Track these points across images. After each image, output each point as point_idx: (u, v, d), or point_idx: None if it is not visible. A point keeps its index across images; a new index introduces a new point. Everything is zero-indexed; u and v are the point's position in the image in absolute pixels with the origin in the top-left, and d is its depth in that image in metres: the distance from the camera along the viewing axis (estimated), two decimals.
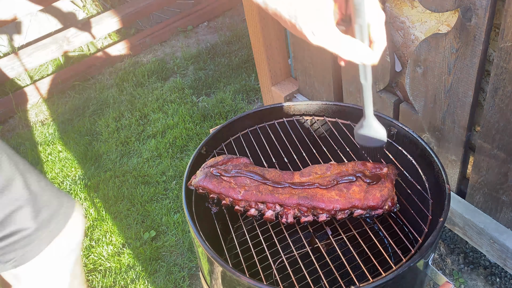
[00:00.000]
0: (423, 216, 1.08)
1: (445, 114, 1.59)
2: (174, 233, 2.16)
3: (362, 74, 0.86)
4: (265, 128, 1.35)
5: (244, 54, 3.24)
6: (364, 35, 0.77)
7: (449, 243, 1.94)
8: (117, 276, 2.04)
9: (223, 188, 1.10)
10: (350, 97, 2.01)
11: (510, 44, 1.25)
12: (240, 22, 3.59)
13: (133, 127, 2.80)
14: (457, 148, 1.64)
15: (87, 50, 3.49)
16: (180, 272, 2.01)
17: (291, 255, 1.11)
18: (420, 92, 1.63)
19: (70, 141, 2.78)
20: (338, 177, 1.11)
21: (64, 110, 3.05)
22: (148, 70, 3.22)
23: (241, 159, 1.19)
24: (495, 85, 1.36)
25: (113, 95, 3.08)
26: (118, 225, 2.24)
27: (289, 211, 1.07)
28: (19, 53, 3.05)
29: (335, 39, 0.75)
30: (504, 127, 1.41)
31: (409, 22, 1.58)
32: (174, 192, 2.36)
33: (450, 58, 1.44)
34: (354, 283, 0.95)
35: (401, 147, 1.24)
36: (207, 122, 2.73)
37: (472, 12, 1.29)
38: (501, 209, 1.62)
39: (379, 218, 1.16)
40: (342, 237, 1.10)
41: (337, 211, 1.06)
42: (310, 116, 1.38)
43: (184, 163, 2.50)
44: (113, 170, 2.53)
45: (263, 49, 2.24)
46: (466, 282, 1.83)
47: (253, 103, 2.86)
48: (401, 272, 0.94)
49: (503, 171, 1.51)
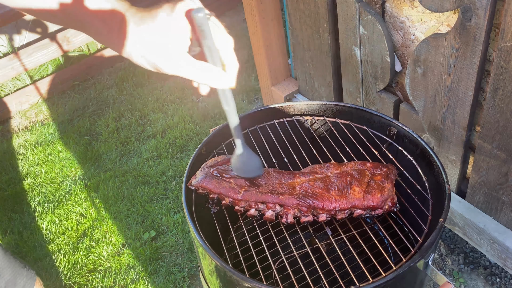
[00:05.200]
0: (423, 216, 1.08)
1: (445, 114, 1.59)
2: (174, 233, 2.16)
3: (222, 99, 0.83)
4: (265, 128, 1.35)
5: (244, 54, 3.24)
6: (215, 58, 0.76)
7: (449, 243, 1.94)
8: (117, 276, 2.04)
9: (223, 188, 1.10)
10: (350, 97, 2.01)
11: (510, 44, 1.25)
12: (240, 22, 3.59)
13: (133, 127, 2.80)
14: (457, 148, 1.64)
15: (87, 50, 3.49)
16: (180, 272, 2.01)
17: (291, 255, 1.10)
18: (420, 92, 1.63)
19: (70, 141, 2.78)
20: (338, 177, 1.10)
21: (64, 110, 3.04)
22: (148, 70, 3.22)
23: None
24: (495, 85, 1.36)
25: (113, 95, 3.08)
26: (118, 225, 2.24)
27: (289, 211, 1.07)
28: (19, 53, 3.05)
29: (188, 67, 0.74)
30: (504, 127, 1.41)
31: (409, 22, 1.58)
32: (174, 192, 2.36)
33: (450, 58, 1.44)
34: (354, 283, 0.94)
35: (401, 147, 1.24)
36: (207, 122, 2.73)
37: (472, 12, 1.29)
38: (501, 209, 1.62)
39: (379, 218, 1.16)
40: (342, 237, 1.10)
41: (337, 211, 1.06)
42: (310, 116, 1.37)
43: (184, 163, 2.50)
44: (113, 170, 2.53)
45: (263, 49, 2.24)
46: (466, 282, 1.83)
47: (253, 103, 2.86)
48: (401, 272, 0.94)
49: (503, 171, 1.51)
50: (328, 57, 1.98)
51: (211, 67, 0.76)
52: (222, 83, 0.78)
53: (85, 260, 2.11)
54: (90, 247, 2.17)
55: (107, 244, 2.16)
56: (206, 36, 0.72)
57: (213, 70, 0.76)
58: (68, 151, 2.73)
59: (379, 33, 1.64)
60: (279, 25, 2.22)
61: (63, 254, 2.15)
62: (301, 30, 2.05)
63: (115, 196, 2.37)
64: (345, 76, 1.96)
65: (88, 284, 2.03)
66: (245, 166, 1.02)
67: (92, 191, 2.44)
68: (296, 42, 2.13)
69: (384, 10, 1.64)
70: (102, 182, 2.46)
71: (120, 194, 2.38)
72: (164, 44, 0.73)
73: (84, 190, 2.45)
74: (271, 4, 2.13)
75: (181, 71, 0.75)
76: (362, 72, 1.85)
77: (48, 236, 2.25)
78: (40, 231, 2.28)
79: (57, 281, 2.04)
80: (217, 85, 0.78)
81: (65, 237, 2.23)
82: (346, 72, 1.93)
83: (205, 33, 0.72)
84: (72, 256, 2.14)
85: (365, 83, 1.87)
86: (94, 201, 2.39)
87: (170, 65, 0.74)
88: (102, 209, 2.33)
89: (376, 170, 1.12)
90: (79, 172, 2.58)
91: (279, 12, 2.20)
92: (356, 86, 1.92)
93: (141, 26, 0.73)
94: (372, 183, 1.09)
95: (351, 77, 1.92)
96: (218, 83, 0.78)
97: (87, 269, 2.09)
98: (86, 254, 2.14)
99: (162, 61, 0.74)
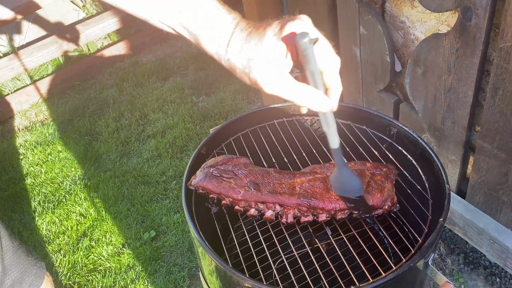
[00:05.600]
0: (423, 216, 1.08)
1: (445, 114, 1.59)
2: (174, 233, 2.16)
3: (323, 121, 0.83)
4: (265, 128, 1.35)
5: None
6: (318, 81, 0.75)
7: (449, 243, 1.94)
8: (117, 276, 2.04)
9: (223, 188, 1.10)
10: (350, 97, 2.01)
11: (510, 44, 1.25)
12: None
13: (133, 127, 2.80)
14: (457, 148, 1.64)
15: (87, 50, 3.49)
16: (180, 272, 2.01)
17: (291, 255, 1.10)
18: (420, 92, 1.63)
19: (70, 141, 2.78)
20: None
21: (64, 110, 3.04)
22: (148, 70, 3.22)
23: (241, 159, 1.19)
24: (495, 85, 1.36)
25: (113, 95, 3.08)
26: (118, 225, 2.24)
27: (289, 211, 1.07)
28: (19, 53, 3.05)
29: (288, 88, 0.75)
30: (504, 127, 1.41)
31: (409, 22, 1.58)
32: (174, 192, 2.36)
33: (450, 58, 1.44)
34: (354, 283, 0.94)
35: (401, 147, 1.24)
36: (207, 122, 2.73)
37: (472, 12, 1.29)
38: (501, 209, 1.62)
39: (379, 218, 1.16)
40: (342, 237, 1.10)
41: (337, 211, 1.06)
42: (310, 116, 1.37)
43: (184, 163, 2.50)
44: (113, 170, 2.53)
45: None
46: (466, 282, 1.83)
47: (253, 103, 2.86)
48: (401, 272, 0.94)
49: (503, 171, 1.51)
50: None
51: (311, 91, 0.76)
52: (322, 107, 0.78)
53: (85, 260, 2.11)
54: (90, 247, 2.17)
55: (107, 244, 2.16)
56: (310, 61, 0.72)
57: (312, 93, 0.76)
58: (68, 151, 2.73)
59: (379, 33, 1.64)
60: None
61: (63, 254, 2.15)
62: None
63: (115, 196, 2.37)
64: (345, 76, 1.96)
65: (88, 284, 2.03)
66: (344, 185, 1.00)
67: (92, 191, 2.44)
68: None
69: (384, 10, 1.64)
70: (102, 182, 2.46)
71: (120, 194, 2.38)
72: (267, 63, 0.74)
73: (84, 190, 2.45)
74: (271, 4, 2.13)
75: (280, 92, 0.76)
76: (362, 72, 1.85)
77: (48, 236, 2.25)
78: (40, 231, 2.28)
79: (57, 281, 2.04)
80: (316, 108, 0.78)
81: (65, 237, 2.23)
82: (346, 72, 1.93)
83: (309, 58, 0.72)
84: (72, 256, 2.14)
85: (365, 83, 1.87)
86: (94, 201, 2.39)
87: (269, 84, 0.75)
88: (102, 209, 2.33)
89: (376, 170, 1.12)
90: (79, 172, 2.58)
91: (279, 13, 2.20)
92: (356, 86, 1.92)
93: (248, 43, 0.75)
94: (372, 183, 1.09)
95: (351, 77, 1.92)
96: (317, 106, 0.78)
97: (87, 269, 2.09)
98: (86, 254, 2.14)
99: (262, 79, 0.75)
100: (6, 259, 1.15)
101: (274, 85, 0.75)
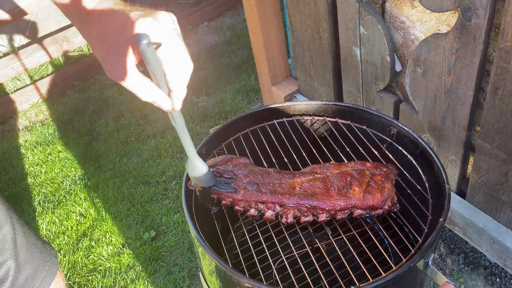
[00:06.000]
0: (423, 216, 1.08)
1: (445, 114, 1.59)
2: (174, 233, 2.16)
3: (170, 117, 0.84)
4: (265, 128, 1.35)
5: (244, 54, 3.24)
6: (160, 82, 0.75)
7: (449, 243, 1.94)
8: (117, 276, 2.04)
9: None
10: (350, 97, 2.02)
11: (510, 44, 1.25)
12: (240, 22, 3.59)
13: (133, 127, 2.80)
14: (457, 148, 1.64)
15: (87, 50, 3.49)
16: (180, 272, 2.01)
17: (291, 255, 1.10)
18: (420, 92, 1.63)
19: (70, 141, 2.78)
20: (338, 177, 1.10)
21: (64, 110, 3.04)
22: None
23: (241, 159, 1.19)
24: (495, 85, 1.36)
25: (113, 95, 3.08)
26: (118, 225, 2.24)
27: (289, 211, 1.07)
28: (19, 53, 3.04)
29: (131, 81, 0.75)
30: (504, 127, 1.41)
31: (409, 22, 1.58)
32: (174, 192, 2.36)
33: (450, 58, 1.44)
34: (354, 283, 0.94)
35: (401, 147, 1.24)
36: (207, 122, 2.73)
37: (472, 12, 1.29)
38: (501, 209, 1.62)
39: (379, 218, 1.16)
40: (342, 237, 1.10)
41: (337, 211, 1.06)
42: (310, 116, 1.37)
43: (184, 163, 2.50)
44: (113, 170, 2.53)
45: (263, 49, 2.24)
46: (466, 282, 1.83)
47: (253, 103, 2.86)
48: (401, 272, 0.94)
49: (503, 171, 1.51)
50: (328, 57, 1.98)
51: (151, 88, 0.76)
52: (162, 106, 0.78)
53: (85, 260, 2.11)
54: (90, 247, 2.17)
55: (107, 244, 2.16)
56: (149, 62, 0.72)
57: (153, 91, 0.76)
58: (68, 151, 2.73)
59: (379, 33, 1.64)
60: (279, 25, 2.23)
61: (63, 254, 2.15)
62: (301, 30, 2.05)
63: (115, 196, 2.37)
64: (345, 76, 1.96)
65: (88, 284, 2.03)
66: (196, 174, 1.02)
67: (92, 191, 2.44)
68: (296, 42, 2.13)
69: (384, 10, 1.64)
70: (102, 182, 2.46)
71: (120, 194, 2.38)
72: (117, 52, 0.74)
73: (84, 190, 2.45)
74: (271, 4, 2.13)
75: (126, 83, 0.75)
76: (362, 72, 1.85)
77: (48, 236, 2.25)
78: (40, 231, 2.28)
79: None
80: (158, 105, 0.78)
81: (65, 237, 2.23)
82: (346, 72, 1.93)
83: (147, 59, 0.71)
84: (72, 256, 2.14)
85: (365, 83, 1.87)
86: (94, 201, 2.39)
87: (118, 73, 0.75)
88: (102, 209, 2.33)
89: (376, 170, 1.12)
90: (79, 172, 2.58)
91: (279, 12, 2.20)
92: (356, 86, 1.92)
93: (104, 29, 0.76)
94: (372, 183, 1.09)
95: (351, 77, 1.92)
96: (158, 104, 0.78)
97: (87, 269, 2.09)
98: (86, 254, 2.14)
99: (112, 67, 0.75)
100: (21, 256, 1.18)
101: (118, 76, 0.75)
